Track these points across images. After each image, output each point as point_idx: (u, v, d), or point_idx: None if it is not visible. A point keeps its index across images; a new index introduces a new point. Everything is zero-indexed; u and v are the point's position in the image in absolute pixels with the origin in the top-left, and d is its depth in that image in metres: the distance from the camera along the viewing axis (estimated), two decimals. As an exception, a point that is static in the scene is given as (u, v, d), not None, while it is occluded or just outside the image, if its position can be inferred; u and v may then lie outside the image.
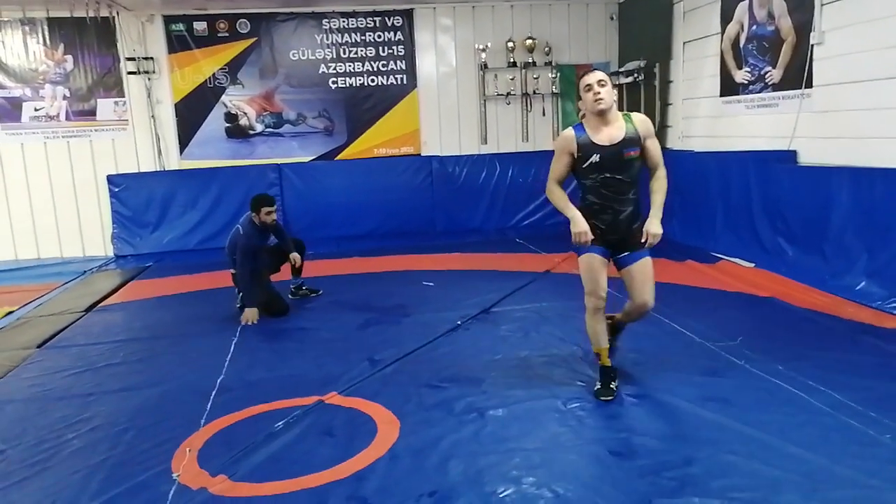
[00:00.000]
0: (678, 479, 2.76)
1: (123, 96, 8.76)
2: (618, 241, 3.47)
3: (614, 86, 3.46)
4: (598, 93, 3.32)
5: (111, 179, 8.73)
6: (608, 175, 3.37)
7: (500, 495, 2.70)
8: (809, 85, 5.78)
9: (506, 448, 3.09)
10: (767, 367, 3.83)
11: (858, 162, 5.31)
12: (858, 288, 5.04)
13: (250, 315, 5.27)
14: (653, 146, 3.45)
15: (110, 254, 8.76)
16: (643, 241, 3.41)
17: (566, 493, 2.70)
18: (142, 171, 8.87)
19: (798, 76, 5.88)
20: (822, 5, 5.59)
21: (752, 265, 6.14)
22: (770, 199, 6.13)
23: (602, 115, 3.35)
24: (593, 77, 3.36)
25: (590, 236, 3.39)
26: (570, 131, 3.45)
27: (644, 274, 3.46)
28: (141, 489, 2.90)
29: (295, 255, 5.72)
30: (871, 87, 5.18)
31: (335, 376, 4.05)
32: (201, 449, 3.22)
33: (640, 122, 3.43)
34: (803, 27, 5.79)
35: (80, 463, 3.15)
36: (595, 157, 3.36)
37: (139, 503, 2.81)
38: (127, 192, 8.74)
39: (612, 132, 3.37)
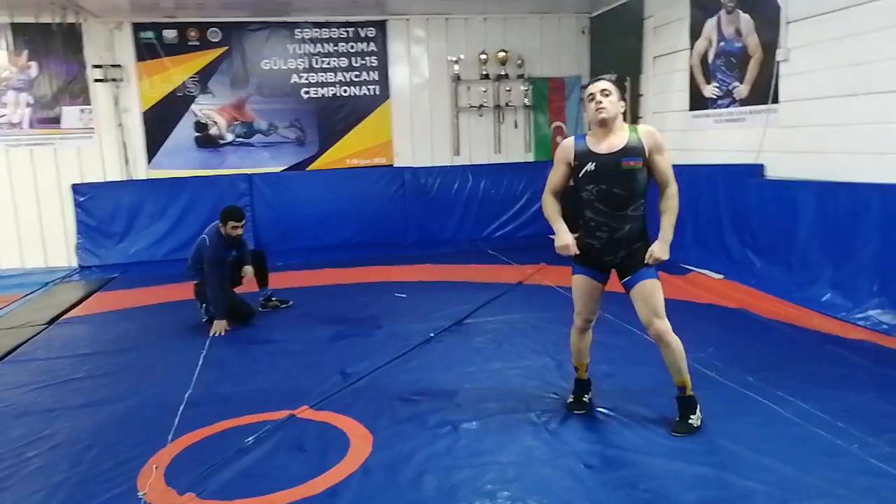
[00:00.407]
0: (652, 490, 2.77)
1: (89, 104, 8.60)
2: (618, 263, 3.25)
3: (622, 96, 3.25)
4: (601, 102, 3.14)
5: (76, 189, 8.55)
6: (604, 187, 3.15)
7: (475, 510, 2.69)
8: (776, 101, 5.90)
9: (480, 462, 3.06)
10: (738, 378, 3.87)
11: (823, 176, 5.42)
12: (824, 299, 5.14)
13: (219, 327, 5.19)
14: (661, 161, 3.18)
15: (74, 265, 8.56)
16: (646, 261, 3.19)
17: (541, 506, 2.69)
18: (108, 180, 8.70)
19: (765, 92, 6.00)
20: (787, 23, 5.73)
21: (721, 277, 6.23)
22: (738, 211, 6.24)
23: (605, 124, 3.16)
24: (597, 86, 3.19)
25: (572, 251, 3.24)
26: (569, 140, 3.31)
27: (643, 297, 3.20)
28: (105, 509, 2.82)
29: (247, 268, 5.60)
30: (835, 104, 5.31)
31: (306, 390, 3.99)
32: (168, 466, 3.13)
33: (646, 133, 3.19)
34: (770, 44, 5.92)
35: (41, 482, 3.05)
36: (590, 166, 3.18)
37: (103, 523, 2.73)
38: (92, 201, 8.56)
39: (612, 141, 3.18)
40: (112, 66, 8.52)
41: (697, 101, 7.03)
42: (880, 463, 2.89)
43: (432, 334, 4.93)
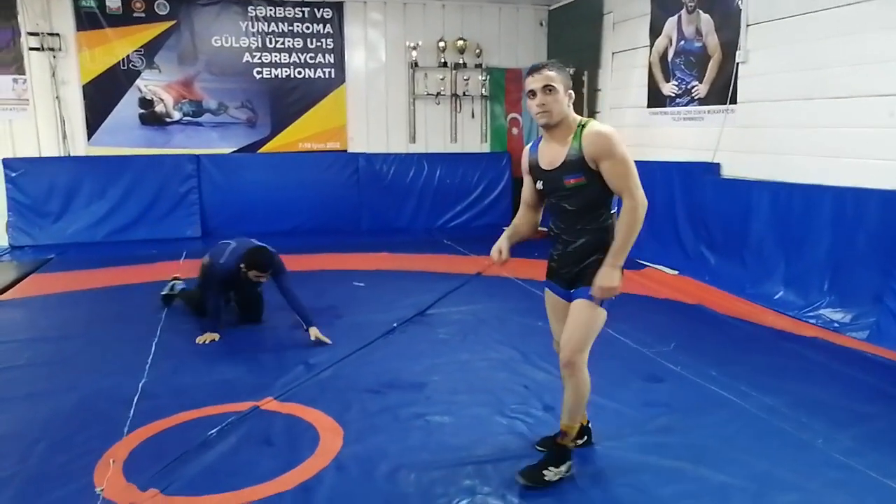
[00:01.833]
0: (631, 485, 2.78)
1: (24, 74, 8.08)
2: (572, 278, 2.78)
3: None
4: (543, 103, 2.61)
5: (7, 163, 8.02)
6: (554, 201, 2.77)
7: (456, 506, 2.64)
8: (734, 101, 6.02)
9: (456, 457, 3.01)
10: (701, 373, 3.94)
11: (777, 176, 5.57)
12: (777, 297, 5.29)
13: (208, 337, 4.54)
14: (609, 168, 2.58)
15: (4, 244, 8.05)
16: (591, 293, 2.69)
17: (523, 502, 2.66)
18: (43, 155, 8.21)
19: (723, 92, 6.12)
20: (747, 25, 5.85)
21: (676, 272, 6.35)
22: (694, 209, 6.36)
23: (548, 128, 2.69)
24: (538, 80, 2.60)
25: (490, 261, 2.95)
26: (526, 150, 2.89)
27: (572, 317, 2.73)
28: (60, 506, 2.63)
29: (313, 331, 4.52)
30: (791, 106, 5.46)
31: (269, 381, 3.85)
32: (126, 460, 2.96)
33: (589, 139, 2.59)
34: (729, 45, 6.04)
35: (-15, 479, 2.83)
36: (539, 184, 2.80)
37: (59, 523, 2.56)
38: (25, 177, 8.05)
39: (556, 152, 2.69)
40: (49, 34, 8.03)
41: (656, 99, 7.12)
42: (845, 458, 2.97)
43: (395, 325, 4.84)
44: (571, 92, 2.67)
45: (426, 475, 2.85)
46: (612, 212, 2.73)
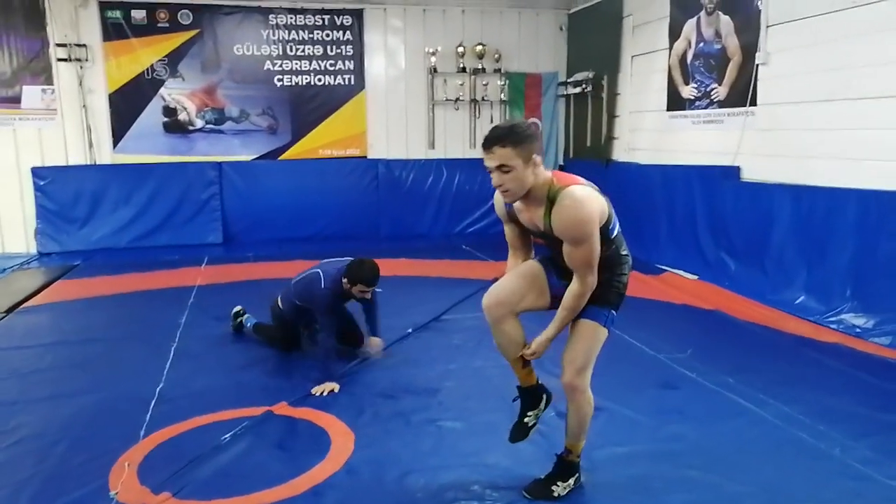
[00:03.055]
0: (642, 492, 2.76)
1: (52, 84, 8.27)
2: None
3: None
4: (500, 184, 2.37)
5: (36, 172, 8.21)
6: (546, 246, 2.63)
7: (464, 512, 2.64)
8: (754, 103, 5.95)
9: (467, 462, 3.02)
10: (718, 380, 3.89)
11: (799, 180, 5.48)
12: (797, 302, 5.21)
13: (329, 387, 3.85)
14: (571, 252, 2.42)
15: (33, 251, 8.23)
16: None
17: (531, 508, 2.66)
18: (71, 163, 8.39)
19: (743, 94, 6.05)
20: (767, 27, 5.77)
21: (696, 278, 6.28)
22: (713, 213, 6.29)
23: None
24: (490, 159, 2.35)
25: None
26: (498, 196, 2.56)
27: (576, 338, 2.62)
28: (75, 508, 2.69)
29: (375, 340, 4.47)
30: (813, 108, 5.37)
31: (283, 386, 3.90)
32: (141, 463, 3.01)
33: (558, 223, 2.39)
34: (749, 47, 5.97)
35: (6, 478, 2.90)
36: (531, 236, 2.69)
37: (73, 524, 2.61)
38: (53, 185, 8.23)
39: (533, 215, 2.49)
40: (77, 45, 8.21)
41: (675, 102, 7.06)
42: (862, 466, 2.92)
43: (410, 330, 4.86)
44: (536, 157, 2.37)
45: (435, 480, 2.86)
46: (614, 236, 2.54)
